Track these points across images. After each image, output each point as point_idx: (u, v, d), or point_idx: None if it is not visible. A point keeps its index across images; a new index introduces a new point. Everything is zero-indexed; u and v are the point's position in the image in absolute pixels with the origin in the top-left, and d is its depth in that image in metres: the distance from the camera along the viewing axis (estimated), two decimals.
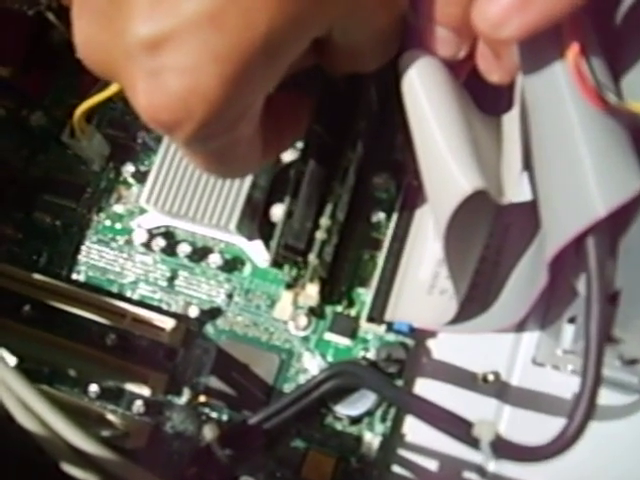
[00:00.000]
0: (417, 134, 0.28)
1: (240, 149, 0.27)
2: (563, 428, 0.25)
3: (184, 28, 0.22)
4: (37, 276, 0.37)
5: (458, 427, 0.28)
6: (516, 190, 0.27)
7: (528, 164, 0.27)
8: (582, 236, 0.24)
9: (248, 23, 0.22)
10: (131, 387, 0.36)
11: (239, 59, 0.22)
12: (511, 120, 0.29)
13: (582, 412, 0.24)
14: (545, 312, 0.35)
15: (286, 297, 0.35)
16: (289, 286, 0.35)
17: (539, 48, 0.24)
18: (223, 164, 0.28)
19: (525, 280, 0.31)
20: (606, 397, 0.34)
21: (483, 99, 0.30)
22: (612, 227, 0.25)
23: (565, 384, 0.35)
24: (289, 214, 0.33)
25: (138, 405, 0.36)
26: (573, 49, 0.23)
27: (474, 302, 0.34)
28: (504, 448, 0.27)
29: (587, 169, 0.23)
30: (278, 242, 0.33)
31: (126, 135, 0.40)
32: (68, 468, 0.27)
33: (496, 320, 0.32)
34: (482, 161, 0.26)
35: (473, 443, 0.28)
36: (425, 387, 0.35)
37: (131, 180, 0.39)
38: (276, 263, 0.34)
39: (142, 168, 0.39)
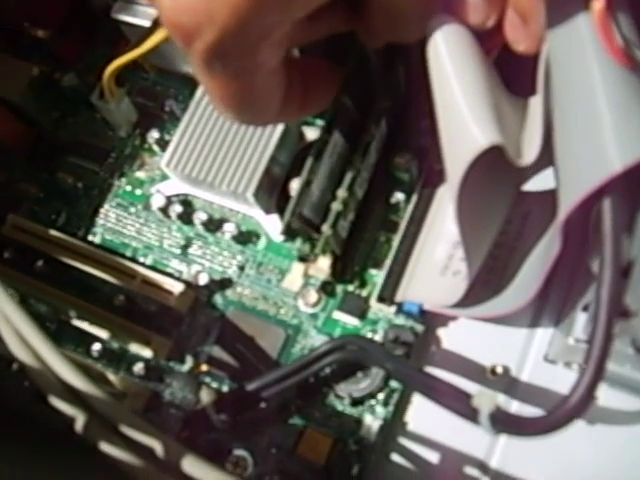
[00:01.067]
0: (438, 95, 0.28)
1: (261, 83, 0.26)
2: (566, 396, 0.24)
3: None
4: (52, 232, 0.37)
5: (458, 399, 0.27)
6: (535, 153, 0.26)
7: (549, 133, 0.27)
8: (598, 200, 0.23)
9: None
10: (133, 348, 0.36)
11: None
12: (535, 96, 0.28)
13: (588, 380, 0.23)
14: (560, 309, 0.34)
15: (297, 268, 0.34)
16: (302, 259, 0.35)
17: (565, 4, 0.24)
18: (241, 100, 0.27)
19: (540, 259, 0.30)
20: (616, 398, 0.33)
21: (510, 81, 0.30)
22: (630, 198, 0.24)
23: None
24: (307, 183, 0.33)
25: (139, 367, 0.36)
26: (599, 3, 0.22)
27: (488, 287, 0.33)
28: (504, 420, 0.25)
29: (606, 124, 0.22)
30: (293, 210, 0.32)
31: (155, 104, 0.40)
32: (56, 402, 0.26)
33: (509, 301, 0.31)
34: (502, 122, 0.26)
35: (472, 416, 0.27)
36: None
37: (155, 147, 0.39)
38: (288, 231, 0.33)
39: (167, 137, 0.39)
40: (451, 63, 0.27)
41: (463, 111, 0.25)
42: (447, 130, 0.27)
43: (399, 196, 0.36)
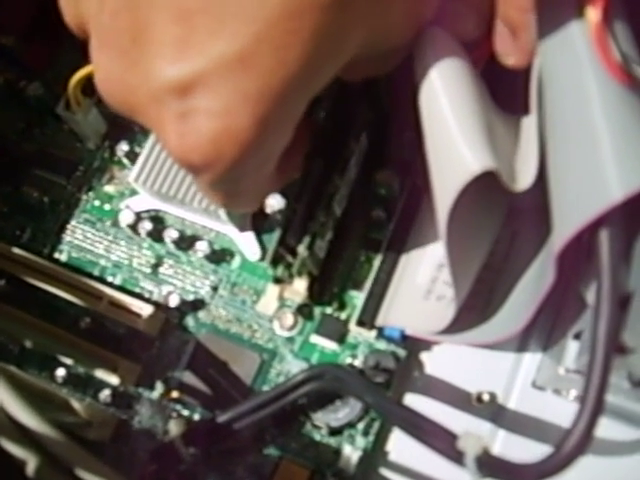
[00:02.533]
0: (426, 114, 0.26)
1: (261, 185, 0.27)
2: (559, 444, 0.22)
3: (213, 70, 0.21)
4: (15, 250, 0.35)
5: (442, 439, 0.26)
6: (530, 178, 0.25)
7: (543, 151, 0.25)
8: (595, 229, 0.22)
9: (279, 62, 0.21)
10: (100, 374, 0.34)
11: (271, 99, 0.21)
12: (527, 108, 0.27)
13: (582, 427, 0.21)
14: (549, 333, 0.33)
15: (272, 291, 0.32)
16: (277, 281, 0.33)
17: (558, 16, 0.22)
18: (240, 199, 0.27)
19: (531, 286, 0.28)
20: (611, 429, 0.31)
21: (501, 98, 0.28)
22: (628, 225, 0.22)
23: (566, 411, 0.32)
24: (293, 210, 0.31)
25: (105, 394, 0.34)
26: (595, 16, 0.21)
27: (473, 311, 0.31)
28: (491, 465, 0.24)
29: (605, 149, 0.21)
30: (279, 241, 0.30)
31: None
32: (5, 443, 0.24)
33: (497, 329, 0.30)
34: (495, 145, 0.24)
35: (457, 458, 0.25)
36: (414, 403, 0.33)
37: (125, 160, 0.37)
38: (274, 260, 0.31)
39: (137, 149, 0.37)
40: (441, 81, 0.25)
41: (454, 133, 0.24)
42: (436, 152, 0.26)
43: (380, 213, 0.34)
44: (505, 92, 0.28)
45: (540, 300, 0.26)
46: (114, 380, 0.34)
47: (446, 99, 0.25)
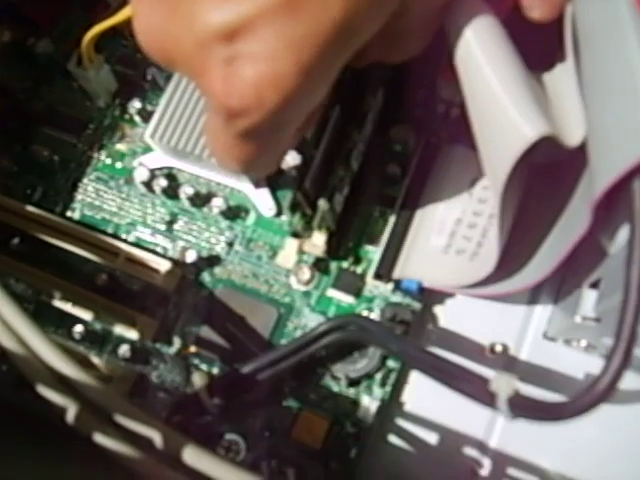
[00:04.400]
0: (467, 79, 0.26)
1: (287, 141, 0.27)
2: (592, 382, 0.23)
3: (260, 15, 0.21)
4: (29, 208, 0.35)
5: (473, 382, 0.26)
6: (581, 129, 0.25)
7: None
8: (628, 176, 0.22)
9: (323, 9, 0.21)
10: (118, 330, 0.34)
11: (315, 47, 0.22)
12: (557, 69, 0.27)
13: (614, 368, 0.22)
14: (559, 286, 0.34)
15: (291, 245, 0.33)
16: (295, 235, 0.33)
17: None
18: (265, 156, 0.27)
19: (556, 237, 0.29)
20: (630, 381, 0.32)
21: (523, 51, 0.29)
22: None
23: (576, 361, 0.33)
24: (310, 157, 0.31)
25: (124, 349, 0.34)
26: None
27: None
28: (522, 405, 0.24)
29: None
30: (299, 185, 0.31)
31: (135, 73, 0.38)
32: (45, 391, 0.25)
33: (520, 280, 0.30)
34: (541, 105, 0.25)
35: (489, 400, 0.25)
36: None
37: (137, 118, 0.37)
38: (292, 207, 0.31)
39: (149, 107, 0.37)
40: (479, 46, 0.26)
41: (503, 101, 0.24)
42: (484, 118, 0.26)
43: (395, 169, 0.34)
44: (527, 45, 0.28)
45: (570, 247, 0.27)
46: (132, 335, 0.34)
47: (487, 63, 0.25)
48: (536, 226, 0.31)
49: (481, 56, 0.26)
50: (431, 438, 0.33)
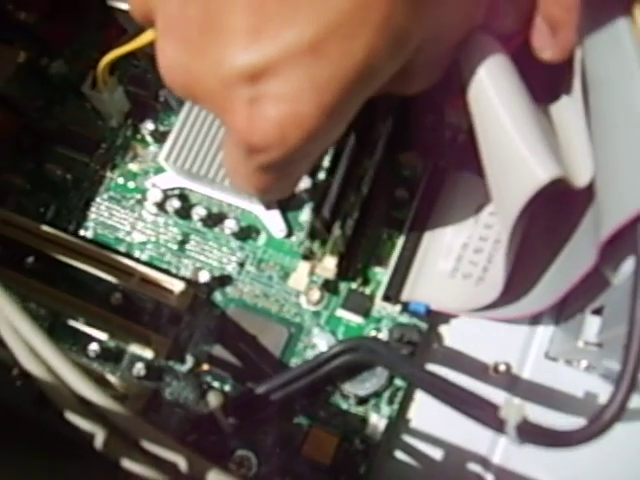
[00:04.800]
0: (481, 120, 0.27)
1: (304, 171, 0.28)
2: (598, 412, 0.24)
3: (285, 58, 0.22)
4: (44, 227, 0.36)
5: (482, 408, 0.27)
6: (589, 172, 0.26)
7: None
8: (632, 223, 0.24)
9: (346, 52, 0.22)
10: (133, 349, 0.35)
11: (338, 88, 0.22)
12: (564, 105, 0.28)
13: (621, 396, 0.23)
14: (561, 307, 0.35)
15: (303, 267, 0.34)
16: (306, 257, 0.34)
17: (605, 15, 0.23)
18: (282, 183, 0.28)
19: (558, 267, 0.30)
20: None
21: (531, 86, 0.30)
22: None
23: (577, 381, 0.34)
24: (326, 186, 0.32)
25: (139, 368, 0.35)
26: None
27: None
28: (530, 432, 0.26)
29: None
30: (314, 215, 0.32)
31: (147, 93, 0.39)
32: (73, 418, 0.25)
33: (523, 306, 0.32)
34: (552, 145, 0.26)
35: (498, 426, 0.27)
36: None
37: (149, 139, 0.38)
38: (310, 237, 0.33)
39: (161, 128, 0.38)
40: (492, 84, 0.27)
41: (516, 141, 0.25)
42: (495, 156, 0.27)
43: (403, 193, 0.35)
44: (535, 79, 0.29)
45: (575, 282, 0.28)
46: (147, 353, 0.35)
47: (501, 104, 0.26)
48: (541, 254, 0.32)
49: (494, 95, 0.27)
50: (436, 454, 0.34)
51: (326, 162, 0.32)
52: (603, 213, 0.25)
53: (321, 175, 0.33)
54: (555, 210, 0.32)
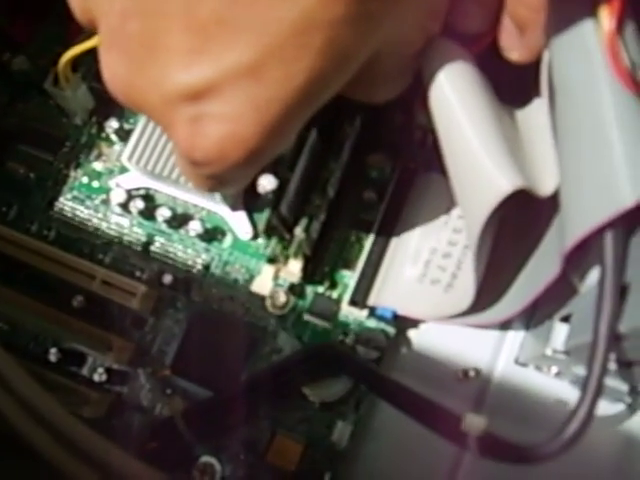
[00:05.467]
0: (444, 129, 0.27)
1: (253, 174, 0.28)
2: (560, 429, 0.23)
3: (225, 79, 0.21)
4: (4, 228, 0.35)
5: (445, 421, 0.27)
6: (554, 180, 0.26)
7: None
8: (601, 231, 0.23)
9: (287, 75, 0.22)
10: (94, 353, 0.34)
11: (278, 109, 0.22)
12: (533, 108, 0.27)
13: (583, 414, 0.23)
14: (532, 312, 0.34)
15: (267, 271, 0.33)
16: (271, 260, 0.34)
17: (571, 17, 0.22)
18: (229, 187, 0.28)
19: (525, 275, 0.30)
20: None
21: (498, 86, 0.29)
22: (630, 225, 0.24)
23: (547, 387, 0.34)
24: (285, 181, 0.31)
25: (100, 372, 0.34)
26: (609, 24, 0.21)
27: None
28: (492, 445, 0.25)
29: (618, 156, 0.22)
30: (272, 211, 0.31)
31: None
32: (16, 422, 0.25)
33: (490, 313, 0.31)
34: (514, 153, 0.25)
35: (460, 438, 0.26)
36: (402, 379, 0.34)
37: (114, 137, 0.37)
38: (267, 229, 0.32)
39: (126, 126, 0.37)
40: (457, 100, 0.26)
41: (480, 156, 0.25)
42: (460, 170, 0.26)
43: (372, 195, 0.35)
44: (502, 81, 0.29)
45: (541, 289, 0.27)
46: (109, 358, 0.34)
47: (462, 113, 0.25)
48: (510, 260, 0.31)
49: (455, 102, 0.26)
50: (402, 461, 0.34)
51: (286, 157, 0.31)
52: (567, 222, 0.24)
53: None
54: (524, 215, 0.31)
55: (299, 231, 0.31)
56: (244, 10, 0.21)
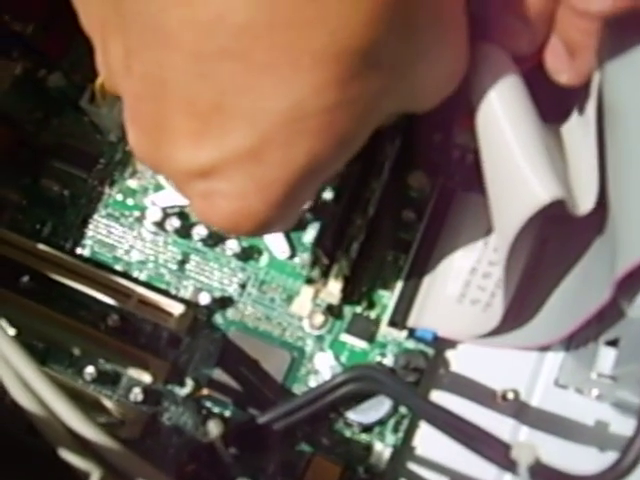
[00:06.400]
0: (485, 135, 0.26)
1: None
2: (617, 460, 0.23)
3: (227, 161, 0.22)
4: (40, 246, 0.35)
5: (493, 447, 0.26)
6: (592, 200, 0.25)
7: (601, 174, 0.25)
8: None
9: (288, 158, 0.22)
10: (130, 372, 0.34)
11: (282, 188, 0.23)
12: (576, 127, 0.27)
13: (638, 447, 0.22)
14: (573, 333, 0.34)
15: (306, 292, 0.33)
16: (309, 281, 0.33)
17: (627, 46, 0.22)
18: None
19: (570, 298, 0.29)
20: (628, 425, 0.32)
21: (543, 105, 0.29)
22: None
23: (587, 409, 0.33)
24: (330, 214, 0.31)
25: (136, 392, 0.34)
26: None
27: (507, 315, 0.32)
28: (543, 474, 0.25)
29: None
30: (316, 242, 0.31)
31: None
32: (67, 455, 0.24)
33: (533, 336, 0.31)
34: (556, 168, 0.25)
35: (508, 466, 0.26)
36: (440, 400, 0.33)
37: None
38: (313, 262, 0.32)
39: None
40: (500, 103, 0.26)
41: (519, 160, 0.24)
42: (498, 174, 0.26)
43: (410, 214, 0.34)
44: (547, 100, 0.28)
45: (589, 315, 0.27)
46: (145, 378, 0.34)
47: (508, 123, 0.25)
48: (552, 281, 0.31)
49: (501, 113, 0.25)
50: None
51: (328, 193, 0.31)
52: (620, 247, 0.24)
53: (327, 195, 0.32)
54: (568, 236, 0.31)
55: (340, 253, 0.31)
56: (237, 99, 0.21)
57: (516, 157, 0.24)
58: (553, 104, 0.29)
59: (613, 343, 0.29)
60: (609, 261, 0.25)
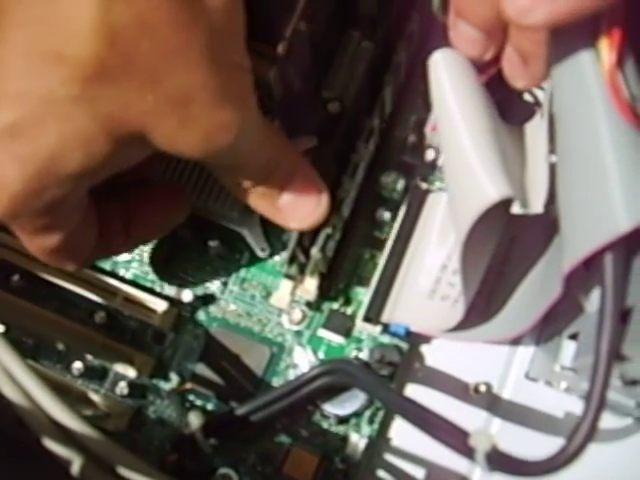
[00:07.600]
0: (444, 136, 0.28)
1: (79, 246, 0.29)
2: (564, 444, 0.24)
3: None
4: None
5: (453, 435, 0.28)
6: (542, 201, 0.27)
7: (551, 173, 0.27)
8: (601, 253, 0.24)
9: (41, 135, 0.24)
10: (116, 367, 0.35)
11: (36, 163, 0.25)
12: (536, 129, 0.28)
13: (586, 429, 0.23)
14: (542, 327, 0.35)
15: (285, 286, 0.34)
16: (289, 277, 0.35)
17: (573, 53, 0.23)
18: (58, 256, 0.29)
19: (533, 293, 0.30)
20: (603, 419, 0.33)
21: (503, 107, 0.30)
22: (629, 248, 0.24)
23: (557, 401, 0.34)
24: None
25: (122, 386, 0.35)
26: (610, 57, 0.22)
27: (475, 310, 0.33)
28: (499, 460, 0.26)
29: (614, 183, 0.23)
30: (296, 242, 0.32)
31: None
32: (50, 444, 0.26)
33: (499, 330, 0.32)
34: (508, 167, 0.26)
35: (468, 453, 0.27)
36: (415, 393, 0.35)
37: None
38: (290, 260, 0.33)
39: None
40: (457, 105, 0.27)
41: (472, 162, 0.25)
42: (454, 174, 0.27)
43: (385, 214, 0.36)
44: (507, 101, 0.30)
45: (545, 309, 0.28)
46: (130, 372, 0.35)
47: (463, 123, 0.26)
48: (520, 278, 0.32)
49: (458, 116, 0.27)
50: (417, 473, 0.35)
51: None
52: (566, 245, 0.25)
53: None
54: (533, 233, 0.32)
55: (315, 252, 0.32)
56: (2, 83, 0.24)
57: (469, 157, 0.26)
58: (519, 106, 0.30)
59: (575, 337, 0.31)
60: (560, 260, 0.26)
